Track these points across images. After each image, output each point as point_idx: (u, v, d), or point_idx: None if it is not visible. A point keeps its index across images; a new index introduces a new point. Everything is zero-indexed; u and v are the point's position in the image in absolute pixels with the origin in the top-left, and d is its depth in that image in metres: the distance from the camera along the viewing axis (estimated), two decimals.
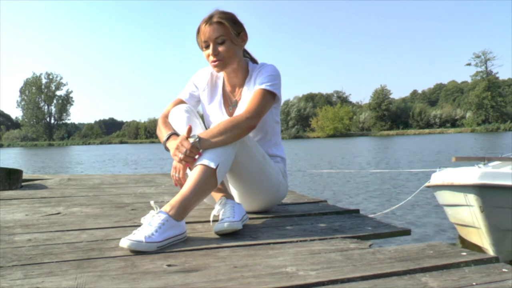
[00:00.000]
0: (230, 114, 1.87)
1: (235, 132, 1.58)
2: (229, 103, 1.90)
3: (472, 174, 3.61)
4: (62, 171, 15.49)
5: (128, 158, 22.27)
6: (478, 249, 3.87)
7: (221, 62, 1.76)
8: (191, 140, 1.55)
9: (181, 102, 1.90)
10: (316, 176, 9.19)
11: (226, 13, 1.77)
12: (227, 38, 1.75)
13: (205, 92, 1.93)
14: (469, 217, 3.81)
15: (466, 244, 4.12)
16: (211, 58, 1.76)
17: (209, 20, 1.74)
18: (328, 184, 8.74)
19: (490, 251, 3.78)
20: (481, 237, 3.81)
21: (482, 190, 3.57)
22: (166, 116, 1.81)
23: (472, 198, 3.66)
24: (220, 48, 1.75)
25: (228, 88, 1.91)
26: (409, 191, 5.24)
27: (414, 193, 5.18)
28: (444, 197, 4.16)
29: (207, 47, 1.77)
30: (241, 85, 1.88)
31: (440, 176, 4.09)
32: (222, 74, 1.93)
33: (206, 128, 1.81)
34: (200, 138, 1.54)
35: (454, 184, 3.78)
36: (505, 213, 3.59)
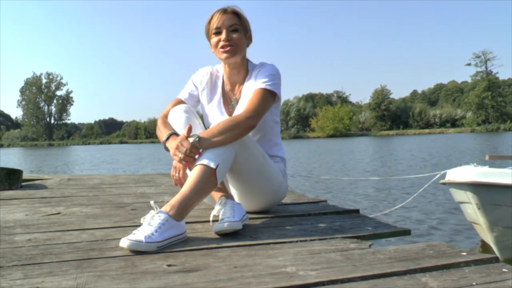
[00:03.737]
0: (230, 113, 1.87)
1: (235, 132, 1.58)
2: (229, 102, 1.90)
3: (468, 173, 3.71)
4: (67, 171, 15.46)
5: (154, 156, 22.19)
6: (489, 246, 3.90)
7: (232, 48, 1.77)
8: (190, 139, 1.54)
9: (181, 102, 1.90)
10: (319, 181, 9.15)
11: (240, 9, 1.82)
12: (240, 28, 1.78)
13: (204, 91, 1.93)
14: (473, 214, 3.88)
15: (483, 243, 4.15)
16: (222, 43, 1.76)
17: (224, 9, 1.78)
18: (336, 186, 8.73)
19: (494, 248, 3.83)
20: (486, 234, 3.87)
21: (477, 188, 3.66)
22: (165, 116, 1.81)
23: (470, 196, 3.75)
24: (233, 35, 1.77)
25: (227, 87, 1.91)
26: (418, 191, 5.23)
27: (422, 188, 5.16)
28: (453, 194, 4.20)
29: (218, 33, 1.77)
30: (241, 83, 1.88)
31: (449, 174, 4.11)
32: (221, 74, 1.94)
33: (206, 128, 1.81)
34: (200, 138, 1.54)
35: (456, 182, 3.84)
36: (502, 210, 3.64)
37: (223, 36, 1.76)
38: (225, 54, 1.78)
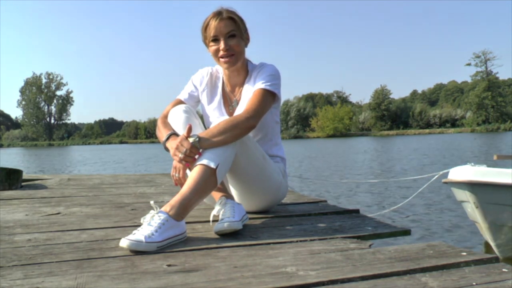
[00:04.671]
0: (230, 114, 1.87)
1: (235, 132, 1.58)
2: (229, 103, 1.90)
3: (465, 172, 3.77)
4: (64, 171, 15.43)
5: (160, 156, 22.04)
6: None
7: (233, 57, 1.76)
8: (190, 140, 1.54)
9: (181, 102, 1.90)
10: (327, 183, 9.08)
11: (234, 10, 1.79)
12: (237, 34, 1.76)
13: (204, 92, 1.93)
14: (472, 213, 3.92)
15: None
16: (222, 52, 1.75)
17: (219, 15, 1.75)
18: (337, 186, 8.72)
19: (493, 246, 3.89)
20: (484, 233, 3.91)
21: (473, 187, 3.72)
22: (165, 117, 1.81)
23: (468, 195, 3.82)
24: (231, 43, 1.75)
25: (228, 88, 1.91)
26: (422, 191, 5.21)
27: (421, 188, 5.16)
28: (455, 193, 4.23)
29: (215, 41, 1.76)
30: (242, 84, 1.88)
31: (451, 173, 4.13)
32: (221, 75, 1.94)
33: (206, 128, 1.81)
34: (200, 138, 1.54)
35: (455, 181, 3.88)
36: (499, 209, 3.69)
37: (221, 45, 1.74)
38: (226, 64, 1.78)
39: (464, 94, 73.99)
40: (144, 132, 78.11)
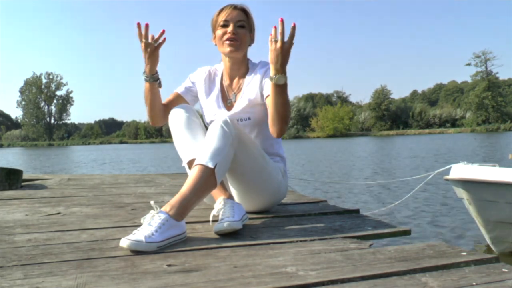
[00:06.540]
0: (228, 107, 1.90)
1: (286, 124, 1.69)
2: (227, 97, 1.92)
3: (458, 170, 3.87)
4: (67, 171, 15.39)
5: (171, 156, 21.90)
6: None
7: (237, 42, 1.81)
8: (276, 76, 1.58)
9: (177, 95, 1.97)
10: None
11: (249, 8, 1.88)
12: (246, 27, 1.83)
13: (202, 87, 1.96)
14: (470, 210, 3.96)
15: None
16: (228, 35, 1.80)
17: (234, 5, 1.83)
18: (337, 186, 8.72)
19: (488, 242, 3.97)
20: (480, 228, 3.96)
21: (466, 185, 3.81)
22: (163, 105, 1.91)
23: (462, 192, 3.90)
24: (239, 31, 1.82)
25: (226, 82, 1.93)
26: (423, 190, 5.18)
27: (417, 187, 5.16)
28: (455, 191, 4.26)
29: (225, 26, 1.81)
30: (240, 78, 1.91)
31: (451, 171, 4.16)
32: (220, 72, 1.96)
33: (206, 127, 1.83)
34: (285, 82, 1.60)
35: (451, 179, 3.95)
36: (490, 205, 3.75)
37: (229, 28, 1.80)
38: (230, 47, 1.81)
39: (464, 94, 73.91)
40: (144, 132, 78.03)
